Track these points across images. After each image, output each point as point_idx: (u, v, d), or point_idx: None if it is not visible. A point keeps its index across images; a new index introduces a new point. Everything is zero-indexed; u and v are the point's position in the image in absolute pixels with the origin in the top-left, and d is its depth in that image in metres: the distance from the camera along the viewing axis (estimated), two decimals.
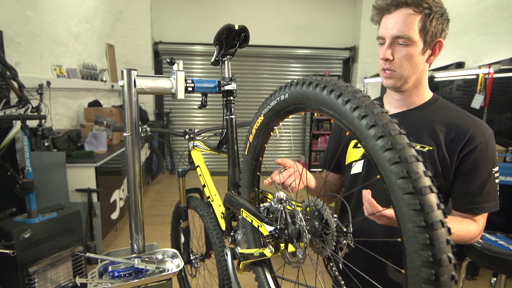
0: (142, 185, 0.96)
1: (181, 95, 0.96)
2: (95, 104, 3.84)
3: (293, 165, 0.97)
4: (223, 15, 5.65)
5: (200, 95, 1.10)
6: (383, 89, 3.25)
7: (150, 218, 3.86)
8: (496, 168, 0.92)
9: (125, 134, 0.91)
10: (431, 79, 3.97)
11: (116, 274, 0.90)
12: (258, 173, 0.88)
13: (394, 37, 0.90)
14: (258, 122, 0.80)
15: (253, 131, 0.82)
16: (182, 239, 1.58)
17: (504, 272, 1.70)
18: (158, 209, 4.13)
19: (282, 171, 0.95)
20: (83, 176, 2.64)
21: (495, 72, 3.05)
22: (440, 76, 3.85)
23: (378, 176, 0.48)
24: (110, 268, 0.91)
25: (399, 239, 0.46)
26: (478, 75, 3.19)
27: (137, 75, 0.89)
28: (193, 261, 1.55)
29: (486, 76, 3.10)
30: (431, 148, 0.92)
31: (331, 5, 5.95)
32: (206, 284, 1.66)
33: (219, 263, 1.26)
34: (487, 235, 1.85)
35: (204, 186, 1.37)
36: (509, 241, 1.78)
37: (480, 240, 1.78)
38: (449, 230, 0.42)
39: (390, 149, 0.46)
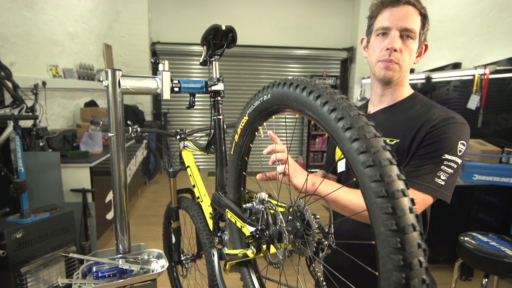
0: (127, 186, 0.96)
1: (166, 95, 0.96)
2: (92, 104, 3.84)
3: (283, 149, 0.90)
4: (221, 15, 5.66)
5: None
6: None
7: (146, 218, 3.87)
8: (450, 157, 0.85)
9: (109, 134, 0.91)
10: (428, 79, 3.97)
11: (100, 274, 0.90)
12: (244, 173, 0.88)
13: (403, 29, 0.91)
14: (243, 122, 0.80)
15: (238, 131, 0.82)
16: (173, 240, 1.58)
17: (495, 273, 1.70)
18: (154, 209, 4.13)
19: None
20: (78, 176, 2.64)
21: (491, 73, 3.04)
22: (437, 77, 3.85)
23: (354, 179, 0.49)
24: (94, 269, 0.91)
25: (373, 242, 0.45)
26: (474, 75, 3.19)
27: (122, 75, 0.89)
28: (183, 262, 1.55)
29: (482, 77, 3.10)
30: (398, 140, 0.92)
31: (329, 6, 5.95)
32: (197, 285, 1.66)
33: (209, 264, 1.26)
34: (480, 236, 1.84)
35: (194, 186, 1.36)
36: (501, 242, 1.77)
37: (473, 241, 1.77)
38: (421, 234, 0.42)
39: (364, 152, 0.45)
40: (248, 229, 0.77)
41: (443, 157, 0.85)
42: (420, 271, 0.41)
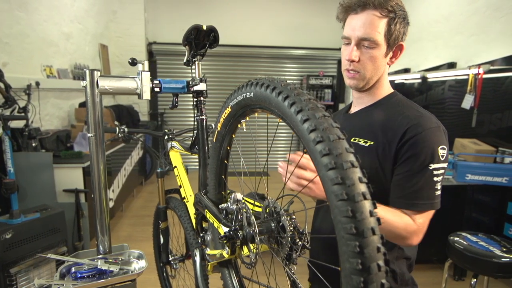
0: (107, 186, 0.96)
1: (146, 95, 0.96)
2: None
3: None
4: (218, 16, 5.65)
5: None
6: None
7: (141, 218, 3.87)
8: (436, 165, 0.85)
9: (88, 135, 0.91)
10: (423, 79, 3.96)
11: (79, 275, 0.89)
12: (225, 161, 0.86)
13: (360, 39, 0.90)
14: (225, 113, 0.79)
15: (221, 120, 0.81)
16: (162, 240, 1.58)
17: (484, 273, 1.69)
18: (149, 209, 4.12)
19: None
20: (70, 177, 2.64)
21: (485, 73, 3.04)
22: (432, 77, 3.84)
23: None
24: (73, 269, 0.91)
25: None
26: (468, 75, 3.18)
27: (100, 76, 0.89)
28: (172, 262, 1.55)
29: (476, 76, 3.09)
30: (372, 142, 0.92)
31: (325, 5, 5.94)
32: (186, 286, 1.65)
33: (194, 264, 1.26)
34: (469, 236, 1.84)
35: (180, 186, 1.36)
36: (490, 242, 1.77)
37: (462, 241, 1.77)
38: (375, 205, 0.43)
39: (333, 169, 0.45)
40: (222, 230, 0.77)
41: (430, 168, 0.85)
42: (379, 275, 0.41)
